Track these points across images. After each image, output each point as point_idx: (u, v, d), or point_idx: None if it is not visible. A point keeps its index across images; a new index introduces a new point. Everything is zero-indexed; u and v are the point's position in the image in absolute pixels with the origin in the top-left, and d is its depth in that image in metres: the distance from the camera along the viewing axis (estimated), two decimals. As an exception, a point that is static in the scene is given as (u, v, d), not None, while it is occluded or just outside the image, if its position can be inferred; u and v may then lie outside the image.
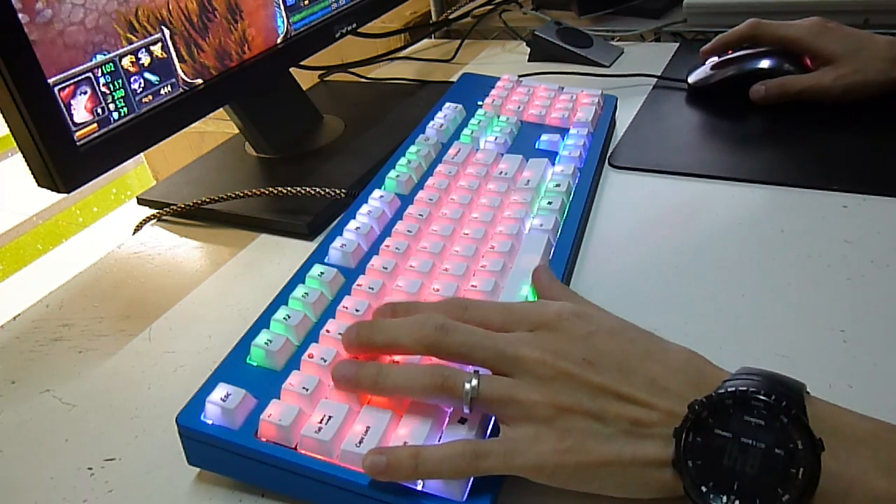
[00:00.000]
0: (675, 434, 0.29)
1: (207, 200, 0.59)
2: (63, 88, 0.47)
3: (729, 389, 0.29)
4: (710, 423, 0.29)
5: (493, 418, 0.35)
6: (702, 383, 0.31)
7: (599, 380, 0.32)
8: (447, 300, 0.38)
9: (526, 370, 0.33)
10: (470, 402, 0.33)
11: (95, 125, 0.49)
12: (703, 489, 0.28)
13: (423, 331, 0.35)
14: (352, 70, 0.88)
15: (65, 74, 0.47)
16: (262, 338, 0.39)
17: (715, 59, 0.72)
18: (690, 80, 0.73)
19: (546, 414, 0.31)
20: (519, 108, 0.65)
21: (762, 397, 0.28)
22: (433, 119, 0.63)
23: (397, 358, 0.37)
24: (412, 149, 0.59)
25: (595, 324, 0.34)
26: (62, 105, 0.47)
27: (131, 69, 0.52)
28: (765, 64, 0.68)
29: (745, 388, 0.29)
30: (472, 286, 0.43)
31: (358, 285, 0.43)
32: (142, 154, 0.76)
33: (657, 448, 0.30)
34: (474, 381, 0.33)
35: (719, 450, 0.28)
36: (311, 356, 0.38)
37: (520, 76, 0.73)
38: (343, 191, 0.58)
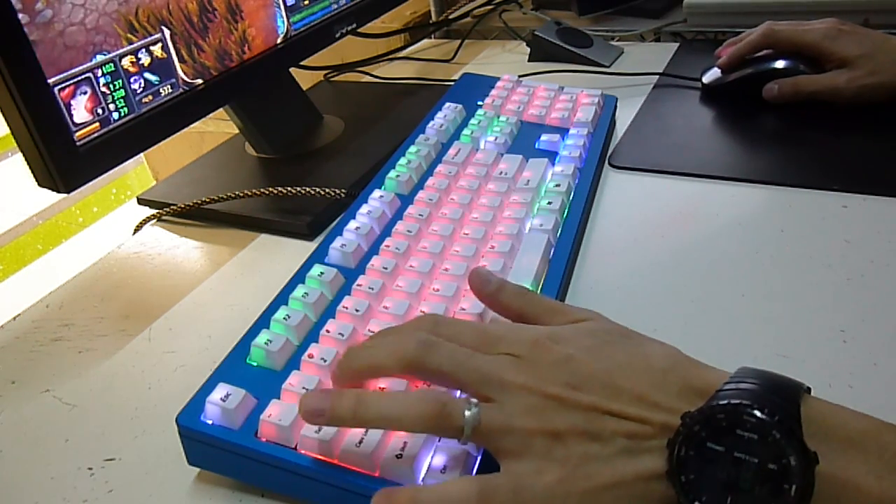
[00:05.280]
0: (667, 446, 0.29)
1: (207, 200, 0.59)
2: (63, 88, 0.47)
3: (721, 402, 0.29)
4: (702, 437, 0.28)
5: None
6: (689, 389, 0.31)
7: (589, 400, 0.31)
8: (419, 317, 0.37)
9: (511, 395, 0.31)
10: (471, 432, 0.31)
11: (95, 125, 0.49)
12: None
13: (403, 347, 0.33)
14: (360, 69, 0.88)
15: (65, 74, 0.47)
16: (262, 338, 0.39)
17: None
18: (705, 79, 0.73)
19: (543, 443, 0.30)
20: (519, 108, 0.65)
21: (755, 412, 0.28)
22: (433, 119, 0.63)
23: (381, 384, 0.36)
24: (412, 149, 0.59)
25: (571, 346, 0.33)
26: (62, 105, 0.47)
27: (131, 69, 0.52)
28: (780, 64, 0.68)
29: (737, 402, 0.28)
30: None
31: (358, 285, 0.43)
32: (142, 154, 0.76)
33: (656, 461, 0.29)
34: (474, 409, 0.31)
35: (712, 464, 0.28)
36: (311, 356, 0.38)
37: (520, 76, 0.73)
38: (343, 191, 0.58)
